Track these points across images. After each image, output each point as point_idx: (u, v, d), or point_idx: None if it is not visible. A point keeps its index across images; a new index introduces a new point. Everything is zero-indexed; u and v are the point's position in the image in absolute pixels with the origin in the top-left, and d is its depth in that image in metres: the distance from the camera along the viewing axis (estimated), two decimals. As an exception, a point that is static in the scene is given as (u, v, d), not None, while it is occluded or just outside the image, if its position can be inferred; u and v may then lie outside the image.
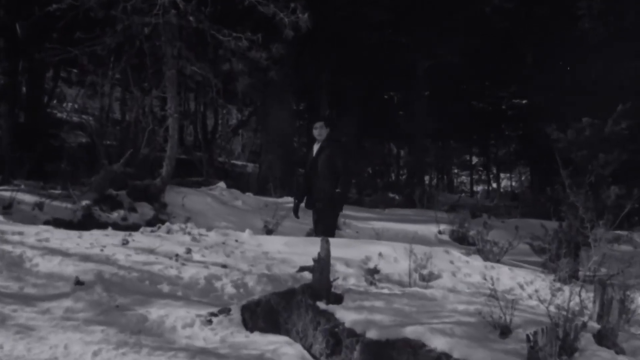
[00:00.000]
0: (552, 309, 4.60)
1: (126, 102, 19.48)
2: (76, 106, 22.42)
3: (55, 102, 23.07)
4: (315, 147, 8.84)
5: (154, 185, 11.36)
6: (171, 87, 11.53)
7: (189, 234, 7.89)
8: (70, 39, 10.94)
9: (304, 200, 8.82)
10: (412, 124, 21.56)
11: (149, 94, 12.75)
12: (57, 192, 10.76)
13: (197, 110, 24.80)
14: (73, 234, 7.35)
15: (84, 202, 10.23)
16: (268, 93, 17.14)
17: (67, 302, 5.39)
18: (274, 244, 7.61)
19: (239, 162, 25.95)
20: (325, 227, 8.52)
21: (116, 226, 9.29)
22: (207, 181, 15.29)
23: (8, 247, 6.37)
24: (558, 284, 6.67)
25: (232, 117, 27.05)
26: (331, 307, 5.02)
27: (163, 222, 9.28)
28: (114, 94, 20.97)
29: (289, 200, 11.40)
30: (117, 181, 10.96)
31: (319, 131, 8.76)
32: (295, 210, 8.87)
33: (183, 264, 6.43)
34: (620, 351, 4.38)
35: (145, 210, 10.86)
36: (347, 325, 4.76)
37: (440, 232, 11.85)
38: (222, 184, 13.66)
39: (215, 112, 25.00)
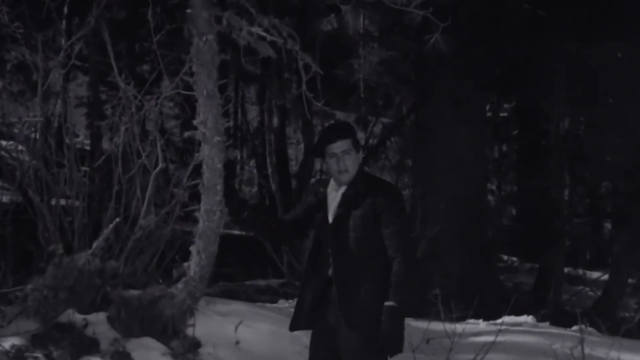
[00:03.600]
0: None
1: (101, 110, 19.88)
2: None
3: None
4: (333, 199, 8.51)
5: (170, 300, 11.42)
6: (205, 76, 11.58)
7: (249, 410, 7.95)
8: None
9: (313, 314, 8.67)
10: None
11: (153, 91, 12.86)
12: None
13: (266, 125, 25.29)
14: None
15: (10, 344, 10.38)
16: (427, 85, 17.26)
17: None
18: None
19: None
20: None
21: (85, 393, 9.58)
22: (291, 285, 15.42)
23: None
24: None
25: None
26: None
27: (192, 383, 9.39)
28: (72, 91, 21.48)
29: (479, 329, 11.66)
30: (84, 290, 11.15)
31: (342, 160, 8.31)
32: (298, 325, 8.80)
33: None
34: None
35: (152, 356, 10.98)
36: None
37: None
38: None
39: (308, 130, 25.33)
